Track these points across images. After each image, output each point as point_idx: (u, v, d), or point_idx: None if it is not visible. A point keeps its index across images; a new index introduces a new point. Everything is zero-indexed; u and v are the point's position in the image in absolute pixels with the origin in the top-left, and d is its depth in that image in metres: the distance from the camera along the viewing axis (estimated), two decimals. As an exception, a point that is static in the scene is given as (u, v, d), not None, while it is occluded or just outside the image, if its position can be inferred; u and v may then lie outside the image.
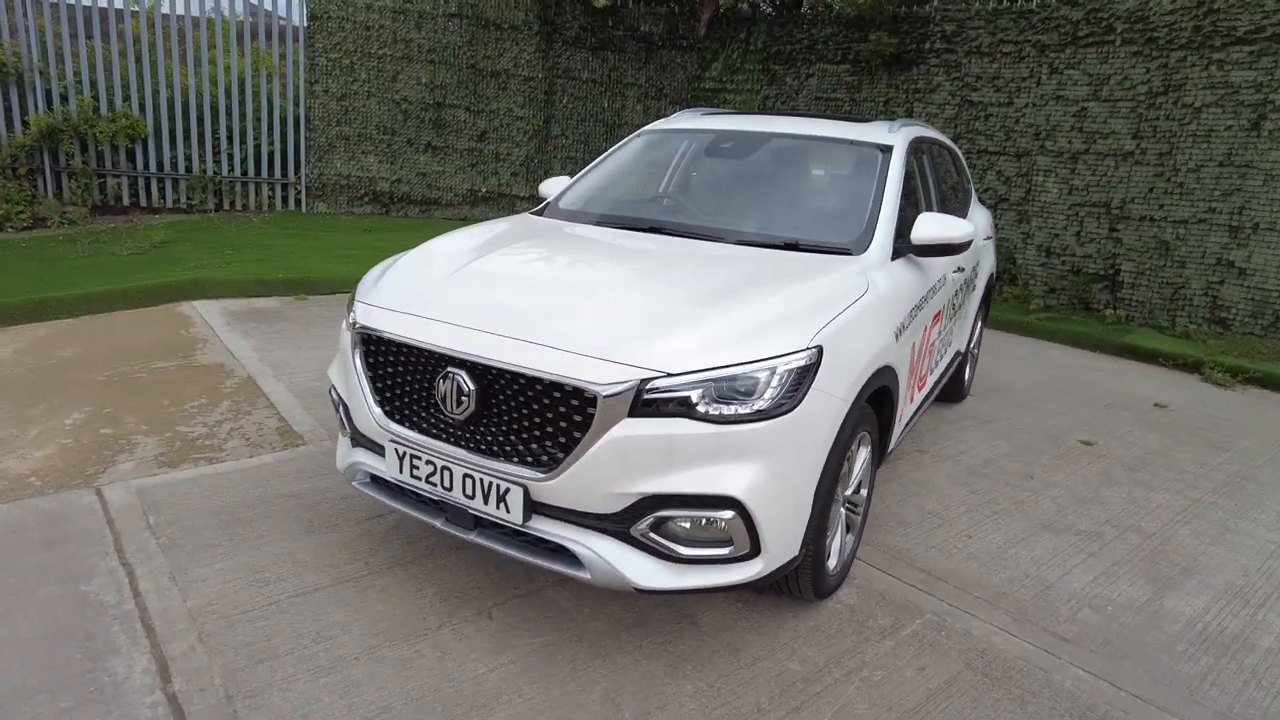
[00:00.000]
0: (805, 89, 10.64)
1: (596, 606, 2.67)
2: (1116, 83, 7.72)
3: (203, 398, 4.26)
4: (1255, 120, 6.90)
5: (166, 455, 3.59)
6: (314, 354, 5.10)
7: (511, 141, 10.79)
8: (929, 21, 9.20)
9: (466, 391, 2.25)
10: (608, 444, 2.10)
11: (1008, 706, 2.34)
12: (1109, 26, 7.71)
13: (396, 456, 2.44)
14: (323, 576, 2.73)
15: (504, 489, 2.24)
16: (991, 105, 8.75)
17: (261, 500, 3.23)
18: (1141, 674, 2.56)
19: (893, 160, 3.43)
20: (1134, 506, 3.83)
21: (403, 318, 2.44)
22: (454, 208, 10.72)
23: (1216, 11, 7.02)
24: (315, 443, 3.83)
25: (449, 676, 2.27)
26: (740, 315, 2.34)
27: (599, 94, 11.13)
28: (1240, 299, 7.08)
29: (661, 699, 2.25)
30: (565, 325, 2.26)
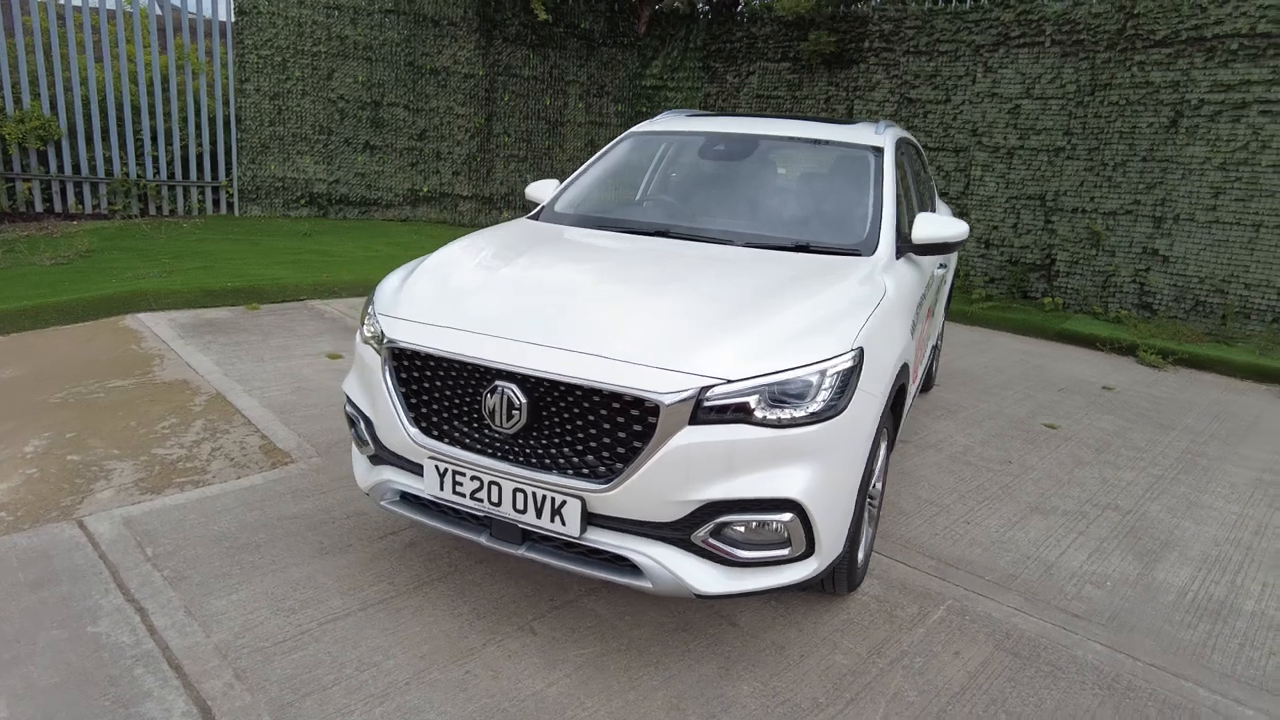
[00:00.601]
0: (746, 87, 10.80)
1: (635, 614, 2.66)
2: (1048, 81, 8.13)
3: (173, 417, 4.04)
4: (1173, 118, 7.39)
5: (147, 481, 3.38)
6: (280, 366, 4.89)
7: (452, 140, 10.57)
8: (867, 21, 9.47)
9: (518, 405, 2.21)
10: (670, 453, 2.10)
11: (1042, 683, 2.46)
12: (1039, 28, 8.11)
13: (437, 473, 2.37)
14: (349, 601, 2.63)
15: (560, 502, 2.21)
16: (930, 103, 9.08)
17: (263, 524, 3.09)
18: (1151, 644, 2.73)
19: (886, 162, 3.53)
20: (1107, 486, 4.07)
21: (444, 332, 2.37)
22: (395, 208, 10.44)
23: (1137, 16, 7.47)
24: (304, 460, 3.68)
25: (508, 695, 2.23)
26: (784, 320, 2.37)
27: (541, 91, 11.01)
28: (1164, 285, 7.58)
29: (723, 701, 2.27)
30: (615, 335, 2.25)
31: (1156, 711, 2.39)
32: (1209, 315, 7.35)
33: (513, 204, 11.17)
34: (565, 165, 11.37)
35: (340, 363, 5.06)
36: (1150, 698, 2.44)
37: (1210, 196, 7.24)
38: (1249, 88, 6.97)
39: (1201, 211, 7.30)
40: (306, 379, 4.72)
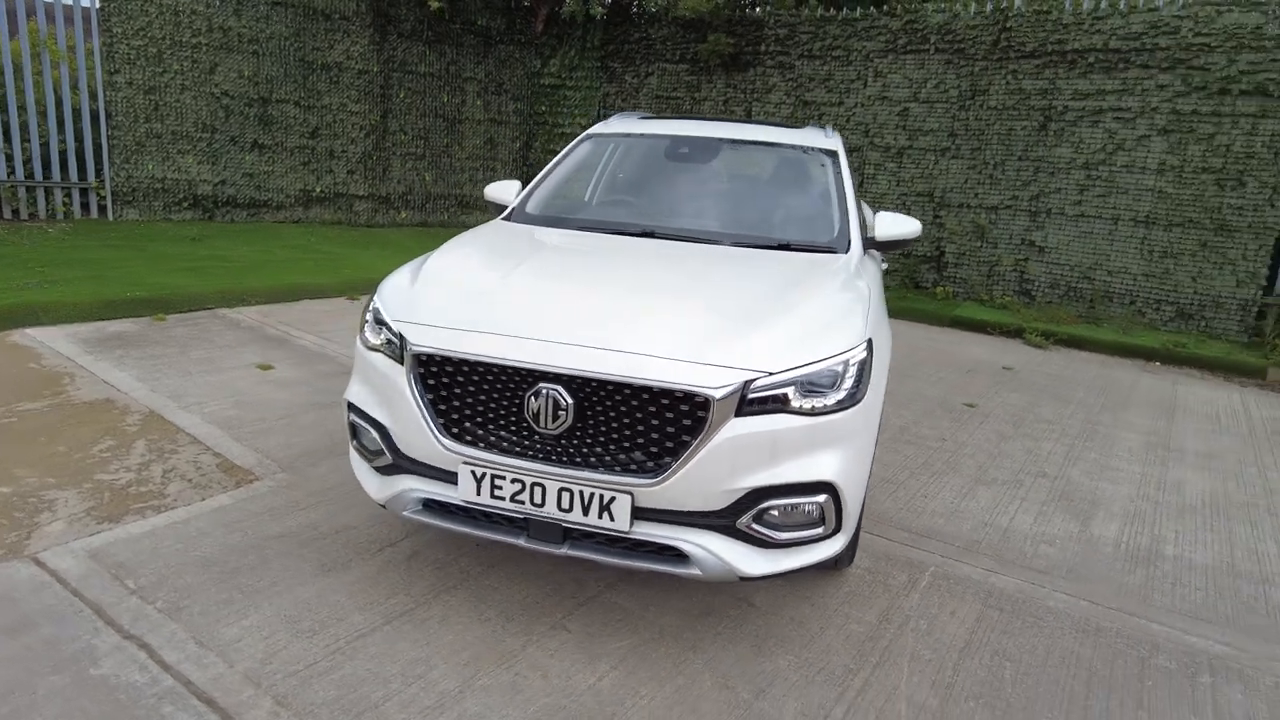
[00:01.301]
0: (645, 87, 10.99)
1: (658, 604, 2.74)
2: (933, 86, 8.77)
3: (108, 439, 3.73)
4: (1043, 122, 8.17)
5: (99, 509, 3.13)
6: (211, 380, 4.60)
7: (346, 138, 10.14)
8: (763, 25, 9.87)
9: (564, 406, 2.23)
10: (718, 444, 2.20)
11: (1030, 632, 2.74)
12: (924, 37, 8.73)
13: (473, 479, 2.36)
14: (370, 616, 2.56)
15: (608, 498, 2.25)
16: (824, 105, 9.57)
17: (249, 546, 2.94)
18: (1105, 590, 3.08)
19: (841, 163, 3.76)
20: (1032, 456, 4.50)
21: (481, 337, 2.34)
22: (286, 210, 9.91)
23: (1009, 30, 8.21)
24: (269, 477, 3.51)
25: (565, 693, 2.26)
26: (801, 315, 2.52)
27: (438, 88, 10.75)
28: (1041, 273, 8.38)
29: (766, 676, 2.40)
30: (655, 333, 2.32)
31: (1125, 644, 2.71)
32: (1079, 299, 8.20)
33: (411, 203, 10.85)
34: (464, 163, 11.16)
35: (273, 374, 4.81)
36: (1117, 635, 2.77)
37: (1076, 193, 8.07)
38: (1104, 96, 7.82)
39: (1070, 206, 8.13)
40: (244, 392, 4.47)
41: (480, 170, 11.30)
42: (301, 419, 4.17)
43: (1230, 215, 7.40)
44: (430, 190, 10.89)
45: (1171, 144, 7.57)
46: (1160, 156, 7.63)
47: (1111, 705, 2.40)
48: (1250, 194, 7.31)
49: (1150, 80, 7.60)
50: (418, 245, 9.75)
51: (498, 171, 11.46)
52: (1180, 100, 7.49)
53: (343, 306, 6.76)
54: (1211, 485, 4.25)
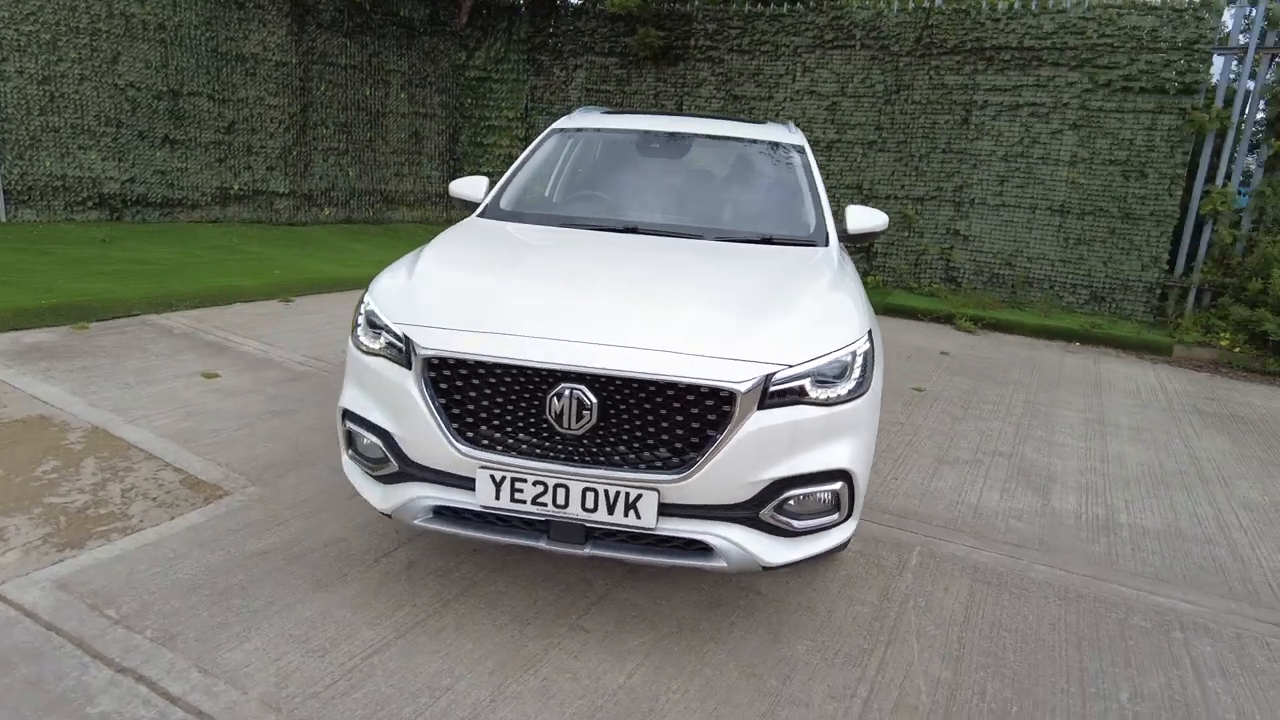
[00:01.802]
0: (574, 80, 10.91)
1: (668, 597, 2.75)
2: (859, 81, 9.05)
3: (51, 459, 3.46)
4: (965, 116, 8.56)
5: (57, 535, 2.90)
6: (153, 391, 4.32)
7: (265, 133, 9.67)
8: (692, 20, 9.94)
9: (588, 406, 2.21)
10: (743, 438, 2.22)
11: (1019, 603, 2.89)
12: (850, 33, 8.99)
13: (492, 483, 2.30)
14: (381, 630, 2.48)
15: (634, 496, 2.25)
16: (754, 99, 9.74)
17: (234, 565, 2.78)
18: (1075, 559, 3.28)
19: (809, 158, 3.84)
20: (985, 436, 4.74)
21: (495, 338, 2.29)
22: (203, 209, 9.37)
23: (932, 27, 8.55)
24: (239, 491, 3.33)
25: (596, 693, 2.25)
26: (808, 308, 2.57)
27: (360, 81, 10.37)
28: (966, 261, 8.79)
29: (789, 662, 2.44)
30: (673, 330, 2.32)
31: (1103, 608, 2.90)
32: (1002, 285, 8.64)
33: (334, 200, 10.45)
34: (389, 158, 10.82)
35: (220, 383, 4.56)
36: (1094, 600, 2.96)
37: (997, 184, 8.50)
38: (1020, 92, 8.26)
39: (991, 196, 8.56)
40: (192, 403, 4.22)
41: (405, 165, 10.98)
42: (260, 429, 3.98)
43: (1134, 204, 7.95)
44: (354, 186, 10.51)
45: (1081, 138, 8.07)
46: (1072, 149, 8.12)
47: (1104, 665, 2.56)
48: (1151, 184, 7.87)
49: (1061, 77, 8.07)
50: (345, 244, 9.41)
51: (423, 166, 11.16)
52: (1088, 96, 7.98)
53: (278, 310, 6.46)
54: (1146, 456, 4.58)
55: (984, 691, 2.39)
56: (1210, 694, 2.47)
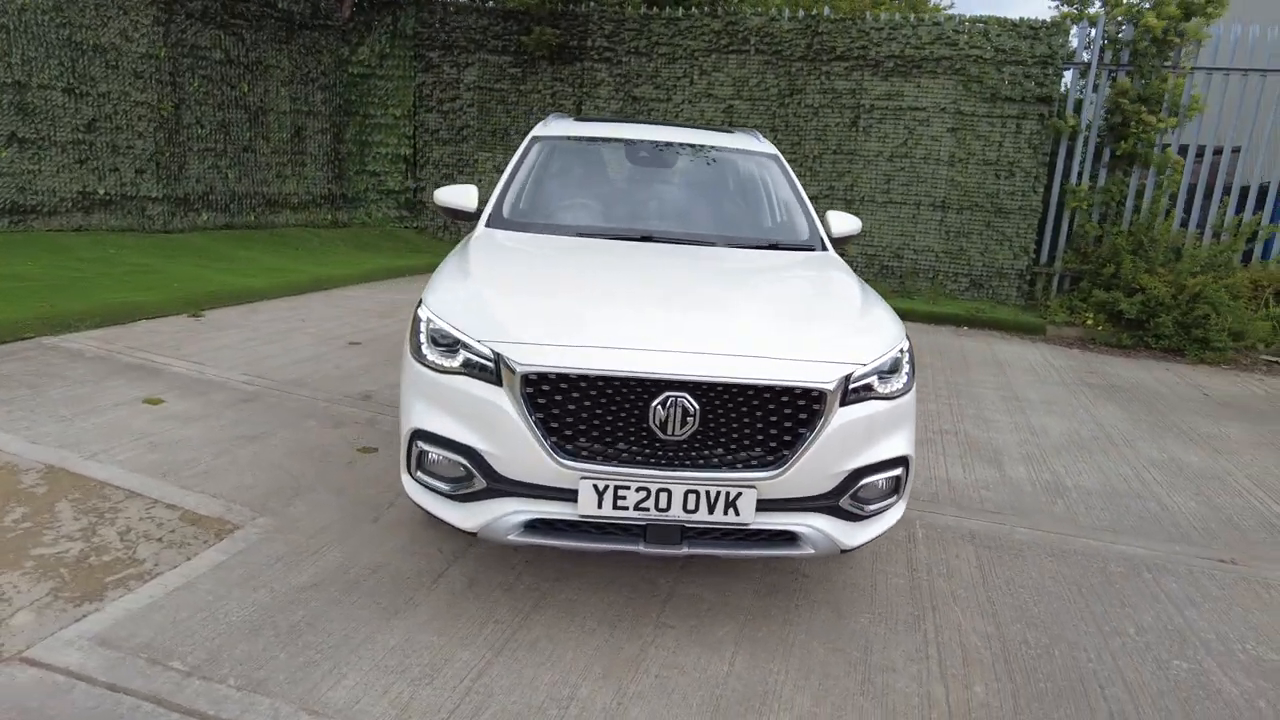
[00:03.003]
0: (465, 78, 10.72)
1: (729, 588, 2.90)
2: (754, 85, 9.49)
3: (16, 506, 3.11)
4: (853, 119, 9.20)
5: (66, 590, 2.64)
6: (97, 422, 3.95)
7: (132, 132, 8.81)
8: (589, 20, 10.02)
9: (692, 412, 2.32)
10: (831, 433, 2.41)
11: (1020, 562, 3.27)
12: (744, 38, 9.40)
13: (595, 493, 2.36)
14: (477, 650, 2.46)
15: (734, 495, 2.38)
16: (653, 100, 9.97)
17: (286, 601, 2.65)
18: (1046, 520, 3.73)
19: (786, 166, 4.09)
20: (928, 416, 5.20)
21: (596, 352, 2.33)
22: (62, 215, 8.41)
23: (821, 34, 9.10)
24: (250, 524, 3.15)
25: (712, 683, 2.36)
26: (856, 309, 2.80)
27: (237, 77, 9.66)
28: (858, 254, 9.45)
29: (860, 636, 2.66)
30: (757, 335, 2.47)
31: (1085, 560, 3.33)
32: (892, 276, 9.37)
33: (213, 204, 9.68)
34: (270, 158, 10.16)
35: (168, 409, 4.22)
36: (1075, 553, 3.40)
37: (884, 182, 9.20)
38: (903, 97, 8.98)
39: (879, 194, 9.25)
40: (148, 433, 3.89)
41: (288, 166, 10.34)
42: (239, 456, 3.74)
43: (1005, 200, 8.88)
44: (234, 189, 9.79)
45: (958, 140, 8.91)
46: (950, 150, 8.94)
47: (1106, 607, 2.97)
48: (1018, 182, 8.83)
49: (938, 85, 8.86)
50: (231, 251, 8.79)
51: (307, 167, 10.56)
52: (963, 103, 8.82)
53: (190, 326, 5.99)
54: (1064, 426, 5.21)
55: (1026, 640, 2.72)
56: (1190, 621, 2.93)
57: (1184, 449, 4.91)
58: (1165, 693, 2.49)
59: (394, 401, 4.68)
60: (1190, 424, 5.46)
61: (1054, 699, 2.42)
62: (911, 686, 2.43)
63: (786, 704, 2.31)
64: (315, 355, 5.50)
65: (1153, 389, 6.40)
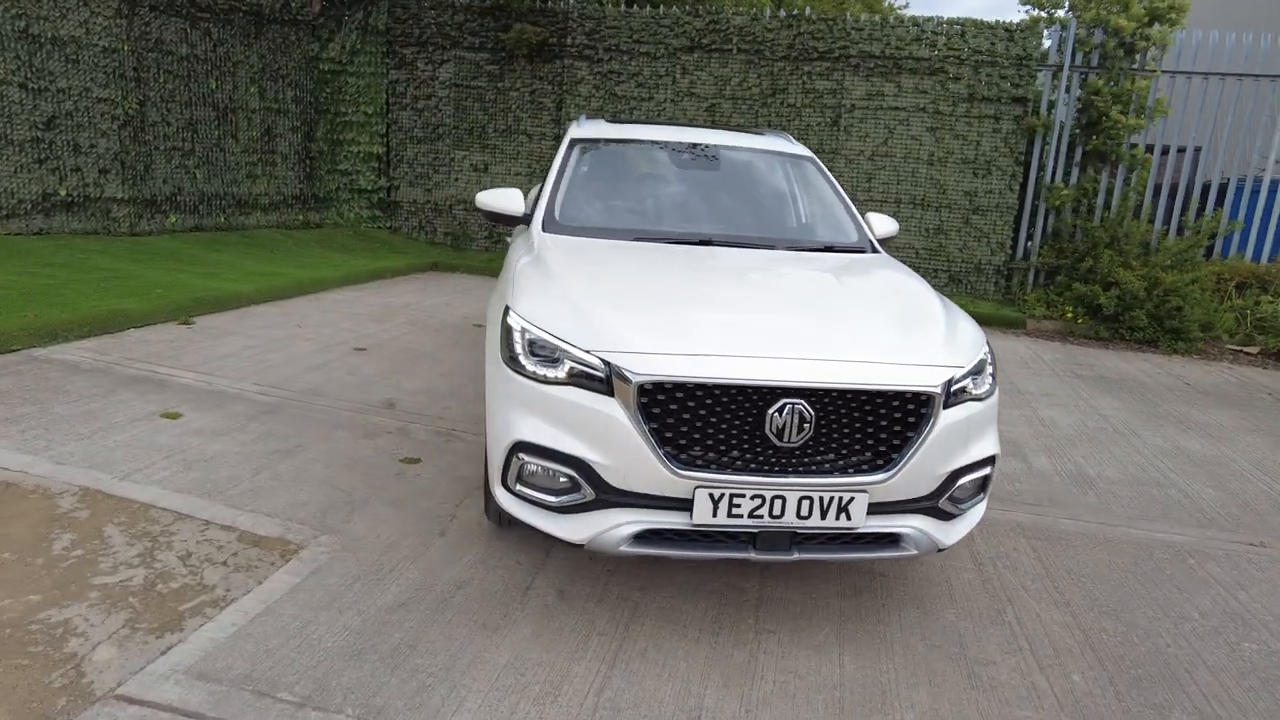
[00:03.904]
0: (440, 75, 10.53)
1: (813, 590, 2.93)
2: (736, 84, 9.55)
3: (64, 533, 2.95)
4: (835, 118, 9.34)
5: (141, 622, 2.52)
6: (119, 440, 3.77)
7: (95, 130, 8.39)
8: (569, 17, 9.94)
9: (808, 418, 2.33)
10: (936, 435, 2.46)
11: (1072, 551, 3.38)
12: (726, 37, 9.45)
13: (711, 501, 2.36)
14: (591, 664, 2.42)
15: (847, 499, 2.40)
16: (635, 99, 9.95)
17: (379, 624, 2.57)
18: (1083, 510, 3.86)
19: (823, 167, 4.14)
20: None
21: (714, 361, 2.33)
22: (21, 218, 7.97)
23: (803, 34, 9.21)
24: (314, 543, 3.05)
25: (829, 685, 2.39)
26: (942, 314, 2.85)
27: (204, 73, 9.28)
28: (842, 251, 9.61)
29: (951, 629, 2.72)
30: (862, 341, 2.50)
31: (1132, 547, 3.47)
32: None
33: (181, 206, 9.30)
34: (240, 158, 9.80)
35: (188, 424, 4.05)
36: (1121, 542, 3.52)
37: (866, 181, 9.37)
38: (883, 97, 9.16)
39: (860, 192, 9.41)
40: (177, 449, 3.74)
41: (259, 165, 9.99)
42: (279, 471, 3.62)
43: (982, 198, 9.14)
44: (203, 190, 9.41)
45: (937, 139, 9.12)
46: (930, 149, 9.16)
47: (1167, 592, 3.10)
48: (995, 181, 9.09)
49: (917, 84, 9.06)
50: (205, 255, 8.46)
51: (278, 166, 10.22)
52: (941, 103, 9.04)
53: (184, 334, 5.76)
54: (1070, 419, 5.40)
55: (1104, 628, 2.82)
56: (1245, 604, 3.07)
57: (1185, 437, 5.14)
58: (1246, 673, 2.62)
59: (420, 410, 4.58)
60: (1183, 413, 5.72)
61: (1148, 684, 2.52)
62: (1015, 678, 2.50)
63: (906, 702, 2.35)
64: (323, 363, 5.34)
65: (1139, 380, 6.68)
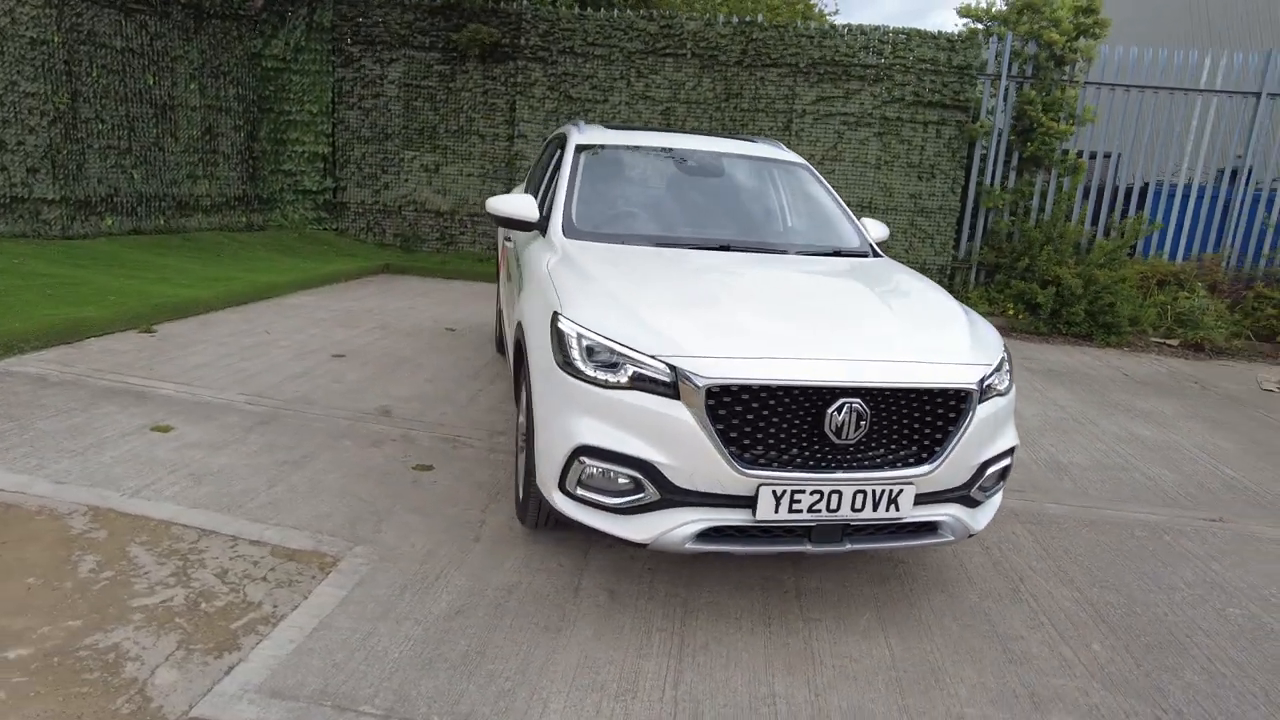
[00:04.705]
0: (389, 74, 10.34)
1: (846, 580, 3.08)
2: (691, 88, 9.71)
3: (87, 555, 2.84)
4: (787, 123, 9.61)
5: (195, 642, 2.46)
6: (114, 455, 3.63)
7: (22, 126, 7.90)
8: (522, 18, 9.90)
9: (865, 416, 2.47)
10: (973, 429, 2.64)
11: (1064, 533, 3.64)
12: (681, 42, 9.60)
13: (773, 498, 2.47)
14: (660, 661, 2.50)
15: (896, 492, 2.56)
16: (590, 102, 9.99)
17: (440, 632, 2.58)
18: (1064, 494, 4.14)
19: (817, 174, 4.31)
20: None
21: (778, 363, 2.44)
22: (-58, 223, 7.44)
23: (756, 40, 9.44)
24: (347, 554, 3.02)
25: (883, 666, 2.53)
26: (963, 313, 3.04)
27: (141, 68, 8.84)
28: (796, 251, 9.91)
29: (977, 609, 2.92)
30: (909, 341, 2.67)
31: (1113, 527, 3.75)
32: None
33: (118, 208, 8.84)
34: (181, 158, 9.38)
35: (182, 436, 3.93)
36: (1103, 523, 3.81)
37: (818, 183, 9.67)
38: (833, 103, 9.48)
39: (814, 195, 9.71)
40: (181, 463, 3.63)
41: (200, 166, 9.58)
42: (294, 482, 3.56)
43: (927, 200, 9.58)
44: (141, 191, 8.97)
45: (884, 144, 9.51)
46: (877, 154, 9.53)
47: (1154, 567, 3.39)
48: (938, 184, 9.54)
49: (865, 92, 9.42)
50: (148, 259, 8.11)
51: (220, 167, 9.83)
52: (887, 109, 9.42)
53: (149, 343, 5.53)
54: (1032, 409, 5.76)
55: (1108, 601, 3.07)
56: (1219, 574, 3.39)
57: (1135, 425, 5.56)
58: (1236, 636, 2.90)
59: (417, 417, 4.54)
60: (1129, 402, 6.17)
61: (1158, 650, 2.77)
62: (1044, 651, 2.71)
63: (955, 677, 2.52)
64: (304, 370, 5.22)
65: (1084, 372, 7.15)
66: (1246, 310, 8.74)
